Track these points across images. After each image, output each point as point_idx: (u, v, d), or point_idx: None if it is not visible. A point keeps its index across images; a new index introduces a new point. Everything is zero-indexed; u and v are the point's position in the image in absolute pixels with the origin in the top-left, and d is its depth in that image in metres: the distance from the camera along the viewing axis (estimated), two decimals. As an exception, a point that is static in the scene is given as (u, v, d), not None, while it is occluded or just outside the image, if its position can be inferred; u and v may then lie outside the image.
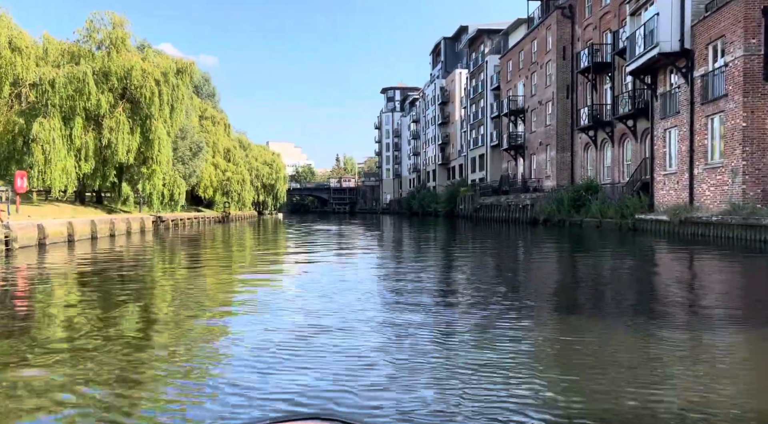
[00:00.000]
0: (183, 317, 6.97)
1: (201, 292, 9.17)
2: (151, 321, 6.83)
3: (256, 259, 15.82)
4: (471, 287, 9.36)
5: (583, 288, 9.66)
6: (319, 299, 7.96)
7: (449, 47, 79.16)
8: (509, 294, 8.57)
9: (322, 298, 8.07)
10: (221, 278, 11.18)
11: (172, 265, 14.03)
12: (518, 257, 16.22)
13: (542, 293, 9.07)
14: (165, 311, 7.50)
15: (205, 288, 9.62)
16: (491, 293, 8.59)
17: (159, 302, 8.26)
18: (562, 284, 10.29)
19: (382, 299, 8.01)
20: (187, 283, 10.41)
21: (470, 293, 8.79)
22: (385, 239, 25.34)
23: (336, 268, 12.53)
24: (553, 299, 8.48)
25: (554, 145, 37.58)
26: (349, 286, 9.43)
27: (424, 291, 8.76)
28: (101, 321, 6.64)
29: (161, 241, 23.39)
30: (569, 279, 11.00)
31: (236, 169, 52.16)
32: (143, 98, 29.42)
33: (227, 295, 8.95)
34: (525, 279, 11.05)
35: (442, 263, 13.75)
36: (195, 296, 8.68)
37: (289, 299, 8.25)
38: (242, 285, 10.14)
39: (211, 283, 10.37)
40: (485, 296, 8.37)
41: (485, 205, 46.71)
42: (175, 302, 8.14)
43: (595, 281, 10.42)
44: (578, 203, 30.82)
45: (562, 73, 36.74)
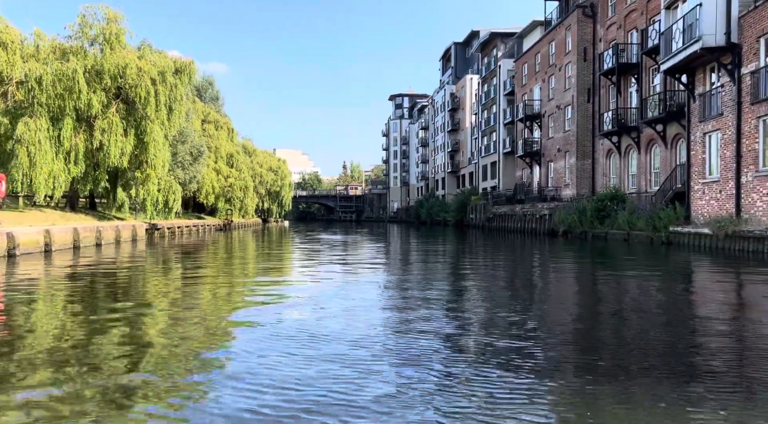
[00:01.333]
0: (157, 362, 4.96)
1: (182, 327, 7.14)
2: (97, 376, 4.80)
3: (253, 277, 13.80)
4: (480, 324, 7.24)
5: (615, 324, 7.50)
6: (318, 334, 5.98)
7: (460, 52, 77.36)
8: (523, 329, 6.76)
9: (321, 334, 6.06)
10: (205, 310, 9.14)
11: (153, 281, 12.02)
12: (538, 274, 14.13)
13: (563, 329, 7.07)
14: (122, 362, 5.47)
15: (186, 320, 7.60)
16: (502, 329, 6.60)
17: (118, 346, 6.22)
18: (589, 315, 8.20)
19: (386, 349, 5.99)
20: (164, 312, 8.38)
21: (477, 331, 6.79)
22: (392, 251, 23.28)
23: (339, 290, 10.44)
24: (575, 338, 6.55)
25: (574, 152, 35.47)
26: (351, 318, 7.41)
27: (428, 333, 6.66)
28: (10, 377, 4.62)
29: (152, 251, 21.42)
30: (599, 308, 8.88)
31: (239, 176, 50.27)
32: (138, 98, 27.61)
33: (211, 338, 6.91)
34: (544, 305, 9.01)
35: (451, 286, 11.66)
36: (174, 335, 6.66)
37: (285, 331, 6.25)
38: (232, 318, 8.11)
39: (192, 319, 8.34)
40: (495, 333, 6.43)
41: (498, 214, 44.58)
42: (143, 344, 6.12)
43: (631, 313, 8.25)
44: (602, 214, 28.66)
45: (583, 75, 34.69)
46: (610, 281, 12.47)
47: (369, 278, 12.50)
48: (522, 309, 8.39)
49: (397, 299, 9.11)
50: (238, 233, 41.69)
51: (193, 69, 31.69)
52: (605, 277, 13.34)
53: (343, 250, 23.79)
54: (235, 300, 9.50)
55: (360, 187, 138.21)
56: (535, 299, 9.84)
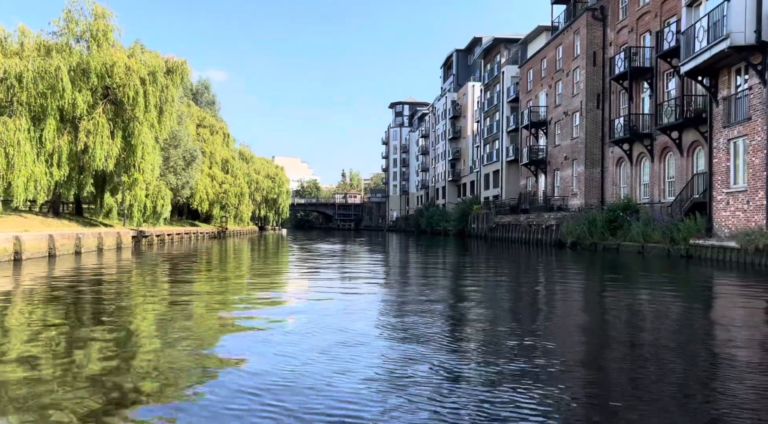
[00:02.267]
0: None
1: (157, 352, 5.65)
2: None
3: (243, 290, 12.30)
4: (480, 353, 5.87)
5: (632, 355, 6.04)
6: (300, 386, 4.51)
7: (461, 60, 76.21)
8: (528, 360, 5.47)
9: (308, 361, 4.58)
10: (181, 335, 7.64)
11: (128, 296, 10.52)
12: (546, 291, 12.67)
13: (571, 360, 5.76)
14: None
15: (163, 346, 6.11)
16: (503, 363, 5.12)
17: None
18: (603, 343, 6.76)
19: (378, 377, 4.51)
20: (121, 339, 6.88)
21: (476, 365, 5.37)
22: (391, 263, 21.77)
23: (333, 318, 8.89)
24: (585, 374, 5.27)
25: (582, 160, 34.06)
26: (344, 341, 5.93)
27: (422, 360, 5.22)
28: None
29: (134, 261, 19.91)
30: (616, 334, 7.41)
31: (234, 182, 48.78)
32: (126, 99, 26.18)
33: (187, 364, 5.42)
34: (553, 330, 7.69)
35: (452, 303, 10.17)
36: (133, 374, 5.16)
37: (259, 379, 4.78)
38: (215, 346, 6.61)
39: (167, 345, 6.84)
40: (495, 365, 4.93)
41: (502, 224, 43.10)
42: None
43: (651, 341, 6.76)
44: (614, 225, 27.20)
45: (592, 80, 33.36)
46: (626, 300, 11.04)
47: (365, 300, 11.00)
48: (527, 333, 7.27)
49: (396, 330, 7.63)
50: (232, 242, 40.16)
51: (186, 69, 30.28)
52: (621, 295, 11.88)
53: (341, 262, 22.29)
54: (209, 329, 8.00)
55: (359, 195, 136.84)
56: (543, 321, 8.56)
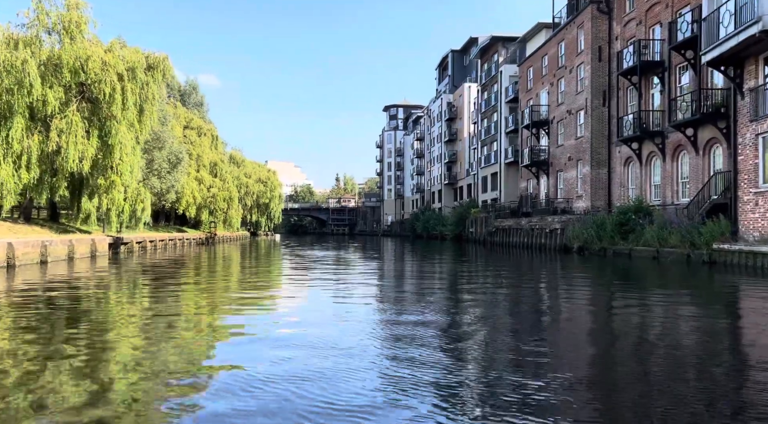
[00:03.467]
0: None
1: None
2: None
3: (223, 311, 10.49)
4: (481, 375, 4.18)
5: (653, 386, 4.36)
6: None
7: (457, 60, 74.69)
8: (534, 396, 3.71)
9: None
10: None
11: (78, 318, 8.68)
12: (555, 304, 11.02)
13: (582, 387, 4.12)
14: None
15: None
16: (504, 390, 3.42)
17: None
18: (621, 370, 5.01)
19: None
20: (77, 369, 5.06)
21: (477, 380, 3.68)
22: (386, 273, 19.98)
23: (320, 338, 7.14)
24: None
25: (588, 160, 32.40)
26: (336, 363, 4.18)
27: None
28: None
29: (108, 271, 18.05)
30: (635, 358, 5.69)
31: (223, 185, 46.88)
32: (102, 96, 24.34)
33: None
34: (563, 351, 6.07)
35: (450, 322, 8.42)
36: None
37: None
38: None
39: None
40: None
41: (502, 228, 41.39)
42: None
43: (674, 367, 5.09)
44: (625, 229, 25.51)
45: (598, 76, 31.74)
46: (646, 314, 9.52)
47: (358, 317, 9.23)
48: (533, 355, 5.75)
49: (390, 361, 5.89)
50: (222, 248, 38.26)
51: (167, 65, 28.46)
52: (639, 308, 10.30)
53: (335, 270, 20.49)
54: (176, 358, 6.19)
55: (353, 199, 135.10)
56: (550, 337, 7.19)
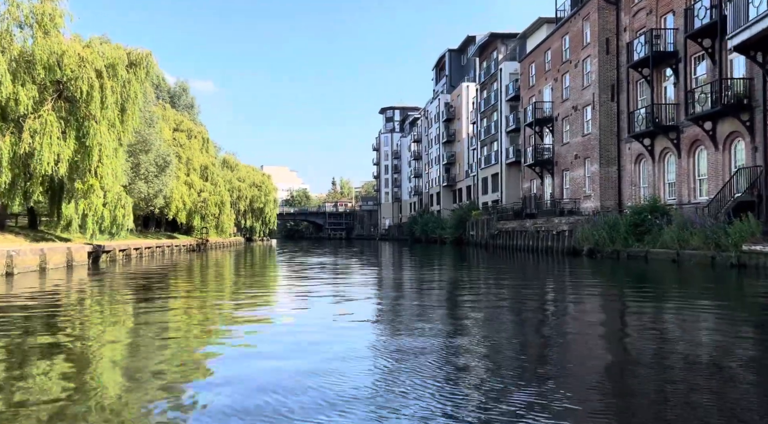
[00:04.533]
0: None
1: None
2: None
3: (210, 327, 8.84)
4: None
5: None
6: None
7: (454, 60, 73.23)
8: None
9: None
10: None
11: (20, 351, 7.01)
12: (567, 311, 9.38)
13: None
14: None
15: None
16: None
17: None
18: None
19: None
20: None
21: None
22: (384, 283, 18.36)
23: (314, 363, 5.57)
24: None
25: (596, 158, 30.85)
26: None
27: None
28: None
29: (81, 283, 16.37)
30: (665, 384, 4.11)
31: (214, 190, 45.18)
32: (79, 94, 22.69)
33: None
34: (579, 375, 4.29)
35: (452, 344, 6.83)
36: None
37: None
38: None
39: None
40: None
41: (505, 231, 39.80)
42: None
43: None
44: (641, 229, 23.94)
45: (606, 70, 30.23)
46: (675, 329, 8.02)
47: (354, 336, 7.63)
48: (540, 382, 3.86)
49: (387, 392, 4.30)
50: (212, 256, 36.55)
51: (151, 62, 26.82)
52: (666, 319, 8.82)
53: (333, 277, 18.86)
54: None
55: (350, 203, 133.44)
56: (567, 357, 5.30)
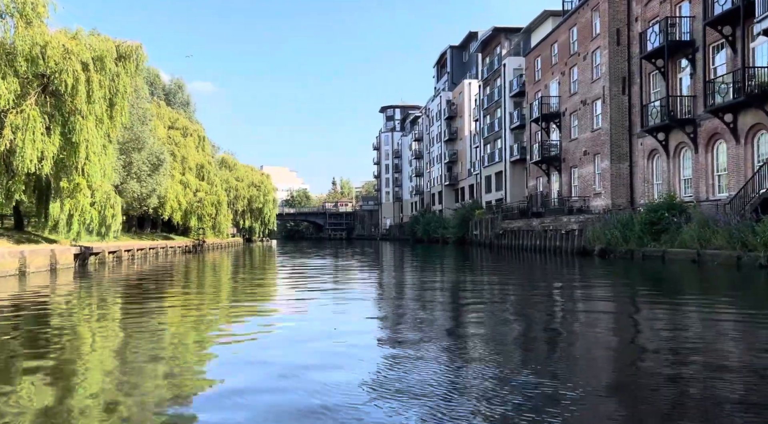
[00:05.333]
0: None
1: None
2: None
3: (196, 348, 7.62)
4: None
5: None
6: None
7: (456, 57, 71.97)
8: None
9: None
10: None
11: None
12: (588, 325, 8.14)
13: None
14: None
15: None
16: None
17: None
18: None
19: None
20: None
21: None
22: (385, 288, 17.15)
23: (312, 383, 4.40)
24: None
25: (606, 154, 29.60)
26: None
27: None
28: None
29: (64, 288, 15.15)
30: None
31: (211, 189, 43.98)
32: (63, 87, 21.49)
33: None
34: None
35: (458, 363, 5.63)
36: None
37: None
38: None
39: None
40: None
41: (510, 230, 38.58)
42: None
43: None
44: (657, 228, 22.71)
45: (616, 62, 28.99)
46: (700, 333, 6.86)
47: (355, 344, 6.43)
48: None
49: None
50: (209, 257, 35.32)
51: (141, 55, 25.57)
52: (689, 322, 7.57)
53: (334, 281, 17.64)
54: None
55: (350, 203, 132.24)
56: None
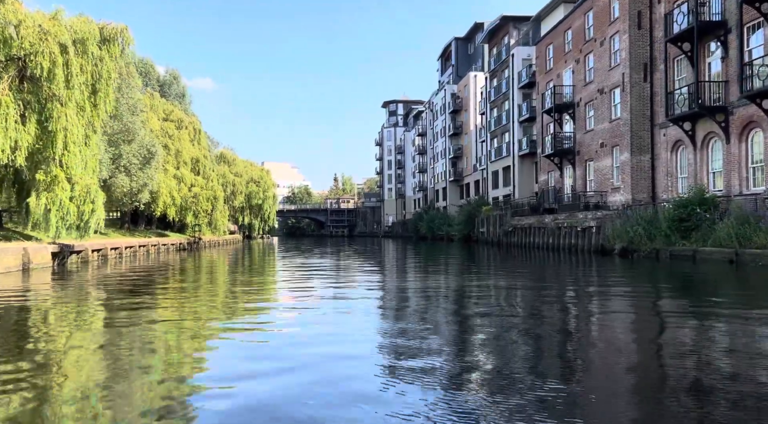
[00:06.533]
0: None
1: None
2: None
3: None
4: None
5: None
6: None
7: (461, 49, 69.98)
8: None
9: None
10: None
11: None
12: (624, 336, 6.22)
13: None
14: None
15: None
16: None
17: None
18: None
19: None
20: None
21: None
22: (388, 293, 15.36)
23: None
24: None
25: (626, 146, 27.67)
26: None
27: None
28: None
29: (22, 294, 13.34)
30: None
31: (206, 184, 42.15)
32: (39, 70, 19.68)
33: None
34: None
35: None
36: None
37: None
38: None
39: None
40: None
41: (521, 227, 36.72)
42: None
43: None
44: (686, 225, 20.82)
45: (638, 46, 27.04)
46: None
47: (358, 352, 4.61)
48: None
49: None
50: (207, 255, 33.50)
51: (127, 37, 23.76)
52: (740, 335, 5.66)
53: (336, 281, 15.83)
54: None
55: (352, 200, 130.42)
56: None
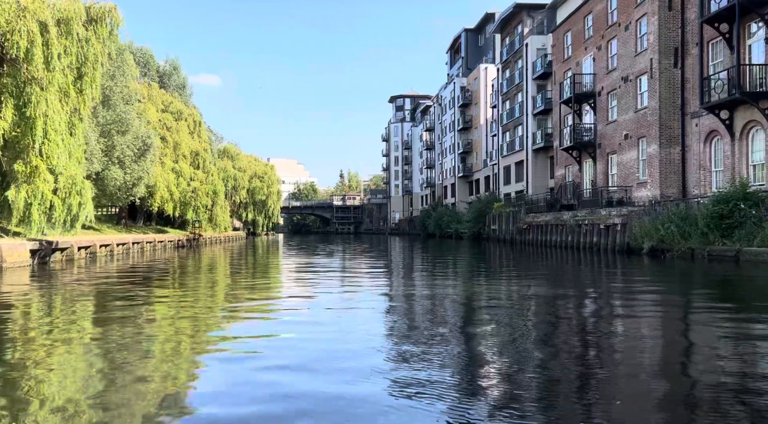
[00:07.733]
0: None
1: None
2: None
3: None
4: None
5: None
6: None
7: (471, 41, 67.96)
8: None
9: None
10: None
11: None
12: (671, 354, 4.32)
13: None
14: None
15: None
16: None
17: None
18: None
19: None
20: None
21: None
22: (395, 292, 13.54)
23: None
24: None
25: (654, 137, 25.69)
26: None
27: None
28: None
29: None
30: None
31: (206, 179, 40.45)
32: (15, 50, 17.94)
33: None
34: None
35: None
36: None
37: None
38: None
39: None
40: None
41: (536, 224, 34.79)
42: None
43: None
44: (728, 223, 18.87)
45: (667, 30, 25.05)
46: None
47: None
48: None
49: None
50: (206, 253, 31.79)
51: (116, 18, 21.98)
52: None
53: (341, 280, 14.02)
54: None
55: (358, 196, 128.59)
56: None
